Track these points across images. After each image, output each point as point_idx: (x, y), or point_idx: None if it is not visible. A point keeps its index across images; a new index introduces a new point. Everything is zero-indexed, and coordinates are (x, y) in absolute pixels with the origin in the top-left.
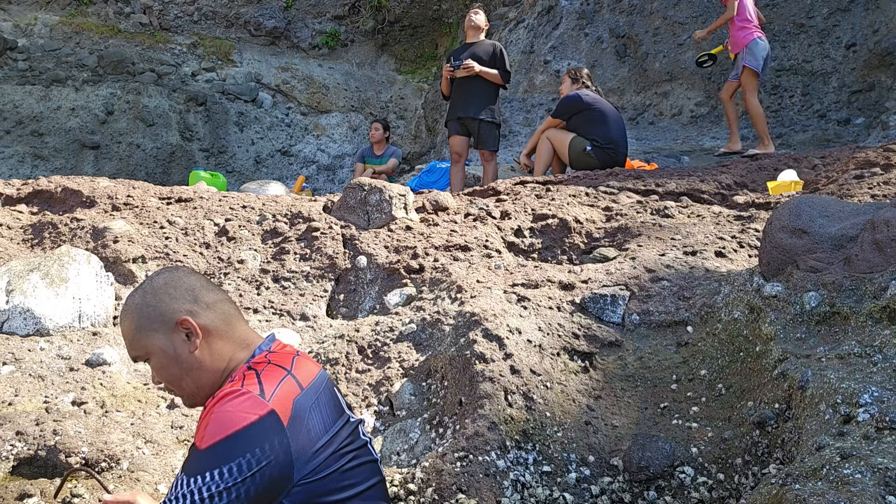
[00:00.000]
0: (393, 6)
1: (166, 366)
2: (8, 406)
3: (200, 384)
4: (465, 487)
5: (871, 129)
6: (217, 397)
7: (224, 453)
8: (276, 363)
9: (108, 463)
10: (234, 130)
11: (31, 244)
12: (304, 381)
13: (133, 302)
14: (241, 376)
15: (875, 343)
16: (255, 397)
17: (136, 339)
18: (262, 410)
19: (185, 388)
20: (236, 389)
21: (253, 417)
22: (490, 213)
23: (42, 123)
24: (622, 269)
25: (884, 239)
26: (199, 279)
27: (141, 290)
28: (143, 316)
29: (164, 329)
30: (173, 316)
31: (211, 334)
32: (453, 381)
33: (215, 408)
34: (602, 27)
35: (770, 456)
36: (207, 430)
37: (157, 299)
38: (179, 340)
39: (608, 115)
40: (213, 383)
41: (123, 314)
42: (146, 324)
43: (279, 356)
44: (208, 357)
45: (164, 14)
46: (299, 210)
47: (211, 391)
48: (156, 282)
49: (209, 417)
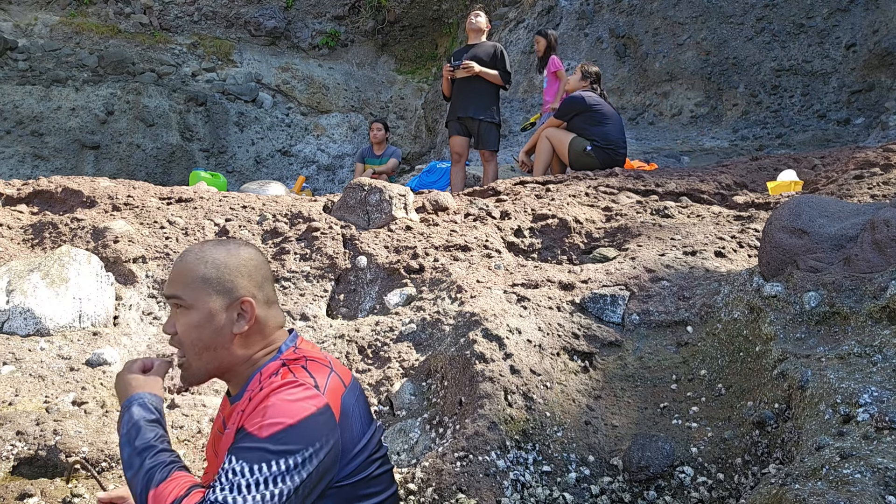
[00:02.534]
0: (393, 6)
1: (202, 328)
2: (8, 406)
3: (215, 363)
4: (465, 487)
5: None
6: (272, 387)
7: (286, 442)
8: (314, 360)
9: (108, 463)
10: (234, 130)
11: (32, 244)
12: (345, 379)
13: (213, 255)
14: (284, 369)
15: (875, 343)
16: (312, 388)
17: (193, 287)
18: (320, 403)
19: (201, 359)
20: (292, 380)
21: (312, 409)
22: (490, 213)
23: (42, 123)
24: (622, 269)
25: (883, 239)
26: (270, 272)
27: (225, 248)
28: (217, 273)
29: (226, 297)
30: (242, 292)
31: (257, 326)
32: (453, 381)
33: (272, 396)
34: (602, 27)
35: (770, 456)
36: (267, 417)
37: (238, 269)
38: (231, 316)
39: (608, 116)
40: (230, 368)
41: (196, 258)
42: (215, 282)
43: (312, 353)
44: (240, 343)
45: (165, 14)
46: (299, 210)
47: (216, 373)
48: (243, 252)
49: (266, 406)
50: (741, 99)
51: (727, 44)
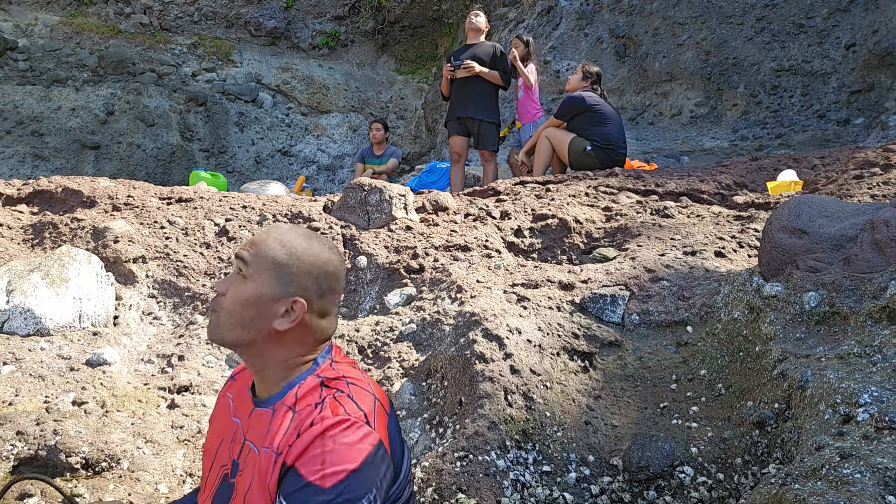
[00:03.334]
0: (393, 6)
1: (247, 304)
2: (8, 406)
3: (243, 342)
4: (465, 487)
5: (871, 129)
6: (324, 426)
7: (352, 492)
8: (356, 383)
9: (108, 463)
10: (234, 130)
11: (32, 244)
12: (386, 405)
13: (295, 244)
14: (330, 399)
15: (875, 343)
16: (365, 426)
17: (261, 262)
18: (375, 440)
19: (229, 326)
20: (345, 419)
21: (368, 448)
22: (490, 213)
23: (42, 123)
24: (622, 269)
25: (883, 239)
26: (341, 287)
27: (309, 244)
28: (289, 262)
29: (283, 287)
30: (300, 291)
31: (300, 332)
32: (453, 381)
33: (327, 438)
34: (602, 27)
35: (770, 456)
36: (327, 465)
37: (311, 266)
38: (277, 309)
39: (608, 116)
40: (250, 352)
41: (281, 238)
42: (282, 268)
43: (351, 373)
44: (276, 340)
45: (165, 14)
46: (299, 210)
47: (239, 350)
48: (324, 254)
49: (324, 450)
50: (741, 99)
51: (727, 44)
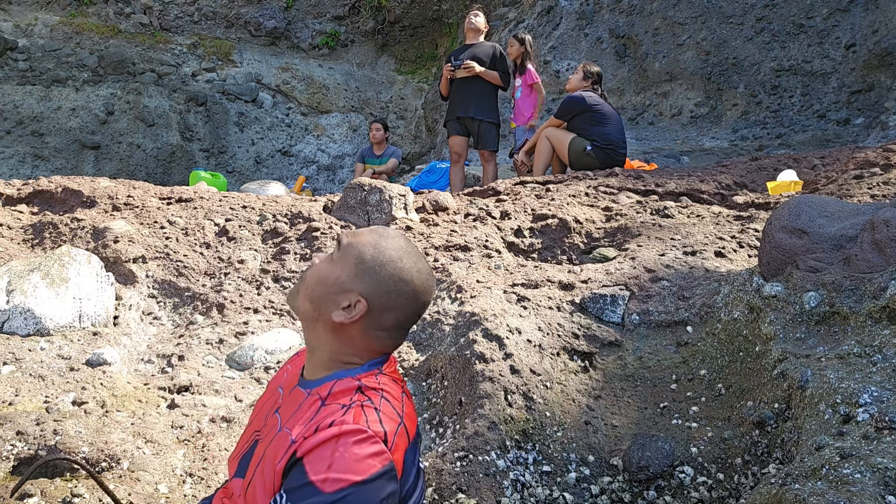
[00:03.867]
0: (393, 6)
1: (320, 281)
2: (8, 406)
3: (307, 315)
4: (465, 487)
5: (871, 129)
6: (341, 430)
7: (350, 501)
8: (389, 399)
9: (108, 463)
10: (234, 130)
11: (32, 244)
12: (412, 431)
13: (389, 251)
14: (357, 406)
15: (875, 343)
16: (380, 444)
17: (350, 253)
18: (386, 461)
19: (304, 301)
20: (363, 430)
21: (378, 466)
22: (490, 213)
23: (42, 123)
24: (622, 269)
25: (883, 239)
26: (419, 314)
27: (402, 257)
28: (372, 263)
29: (355, 284)
30: (366, 292)
31: (353, 330)
32: (453, 381)
33: (341, 444)
34: (602, 27)
35: (770, 456)
36: (332, 470)
37: (388, 277)
38: (341, 300)
39: (608, 116)
40: (309, 327)
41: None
42: (364, 265)
43: (390, 388)
44: (330, 328)
45: (165, 14)
46: (299, 210)
47: (303, 320)
48: (407, 276)
49: (333, 454)
50: (741, 99)
51: (727, 44)
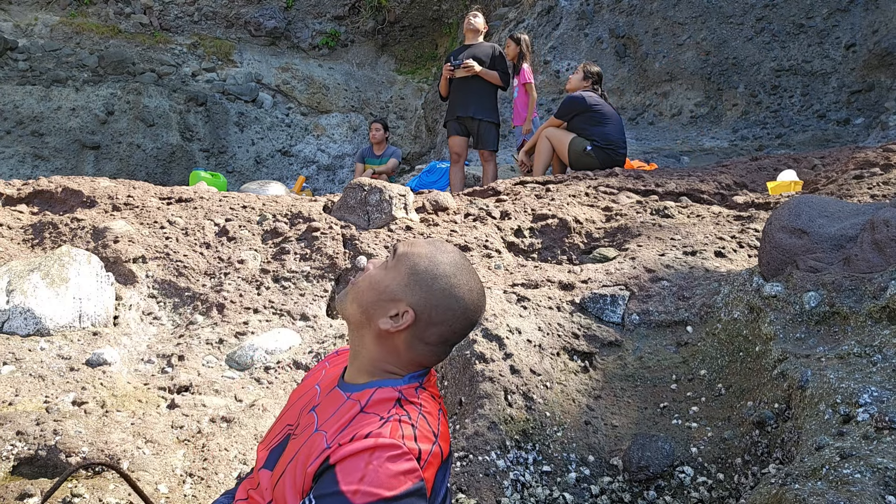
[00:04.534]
0: (393, 6)
1: (372, 287)
2: (8, 406)
3: (354, 320)
4: (465, 487)
5: (871, 129)
6: (377, 442)
7: None
8: (426, 417)
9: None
10: (234, 130)
11: (32, 244)
12: (445, 450)
13: (443, 266)
14: (395, 420)
15: (875, 343)
16: (414, 462)
17: (406, 261)
18: (418, 478)
19: (352, 305)
20: (399, 446)
21: (409, 484)
22: (490, 213)
23: (42, 123)
24: (622, 269)
25: (883, 239)
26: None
27: (456, 273)
28: (426, 276)
29: (405, 292)
30: (416, 304)
31: (399, 340)
32: (453, 381)
33: (376, 457)
34: (602, 27)
35: (770, 456)
36: (364, 482)
37: (440, 291)
38: (390, 308)
39: (608, 116)
40: (355, 332)
41: (433, 254)
42: (417, 276)
43: (428, 406)
44: (376, 337)
45: (165, 14)
46: (299, 210)
47: (350, 324)
48: (459, 293)
49: (367, 466)
50: (741, 99)
51: (727, 44)
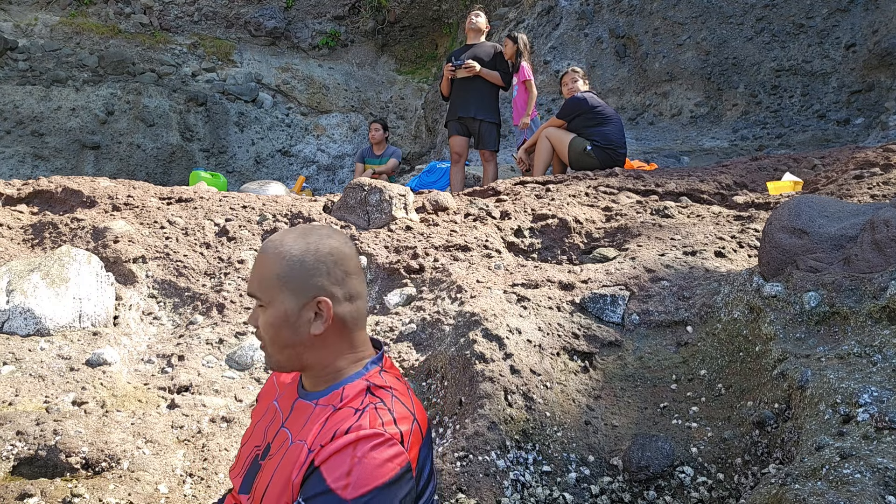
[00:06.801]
0: (393, 6)
1: (279, 327)
2: (8, 406)
3: (299, 360)
4: (465, 487)
5: (871, 129)
6: (358, 435)
7: None
8: (399, 398)
9: (108, 463)
10: (234, 130)
11: (32, 244)
12: (423, 428)
13: (290, 250)
14: (371, 409)
15: (875, 343)
16: (398, 445)
17: (269, 285)
18: (404, 461)
19: (282, 355)
20: (380, 434)
21: (396, 469)
22: (490, 213)
23: (42, 123)
24: (622, 269)
25: (883, 239)
26: (356, 264)
27: (304, 242)
28: (291, 271)
29: (300, 296)
30: (317, 291)
31: (337, 326)
32: (453, 381)
33: (359, 450)
34: (602, 27)
35: (770, 456)
36: (352, 476)
37: (315, 266)
38: (307, 316)
39: (609, 117)
40: (311, 367)
41: (274, 252)
42: (289, 280)
43: (398, 386)
44: (322, 345)
45: (165, 14)
46: (299, 210)
47: (304, 370)
48: (322, 246)
49: (352, 460)
50: (741, 99)
51: (727, 44)
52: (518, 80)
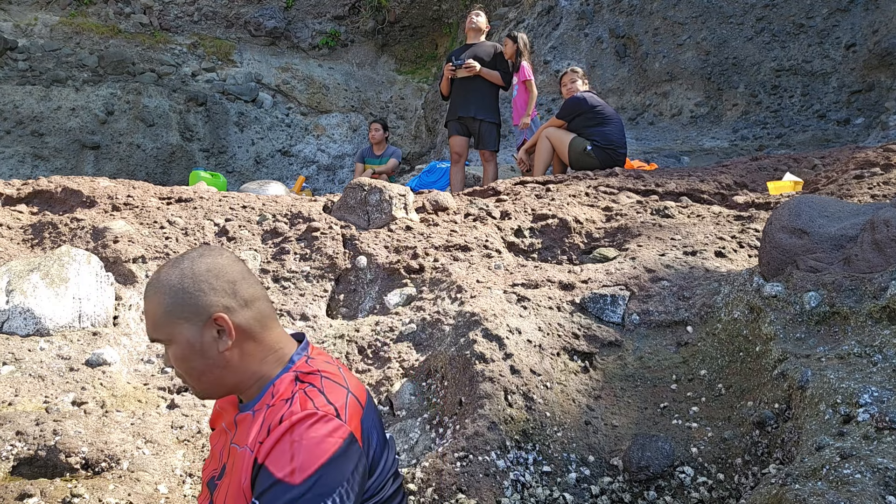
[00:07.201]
0: (393, 6)
1: (188, 358)
2: (8, 406)
3: (222, 382)
4: (465, 487)
5: (871, 129)
6: (291, 420)
7: (323, 486)
8: (330, 377)
9: (108, 463)
10: (234, 130)
11: (32, 244)
12: (362, 399)
13: (168, 281)
14: (300, 394)
15: (875, 343)
16: (335, 419)
17: (163, 323)
18: (345, 433)
19: (203, 383)
20: (313, 413)
21: (338, 442)
22: (490, 213)
23: (42, 123)
24: (622, 269)
25: (883, 239)
26: (241, 269)
27: (179, 269)
28: (176, 301)
29: (195, 321)
30: (209, 310)
31: (244, 335)
32: (453, 381)
33: (295, 434)
34: (602, 27)
35: (770, 456)
36: (296, 461)
37: (196, 286)
38: (210, 337)
39: (609, 117)
40: (238, 383)
41: (154, 290)
42: (177, 310)
43: (326, 368)
44: (237, 358)
45: (165, 14)
46: (299, 210)
47: (232, 390)
48: (198, 265)
49: (292, 446)
50: (741, 99)
51: (727, 44)
52: (518, 79)
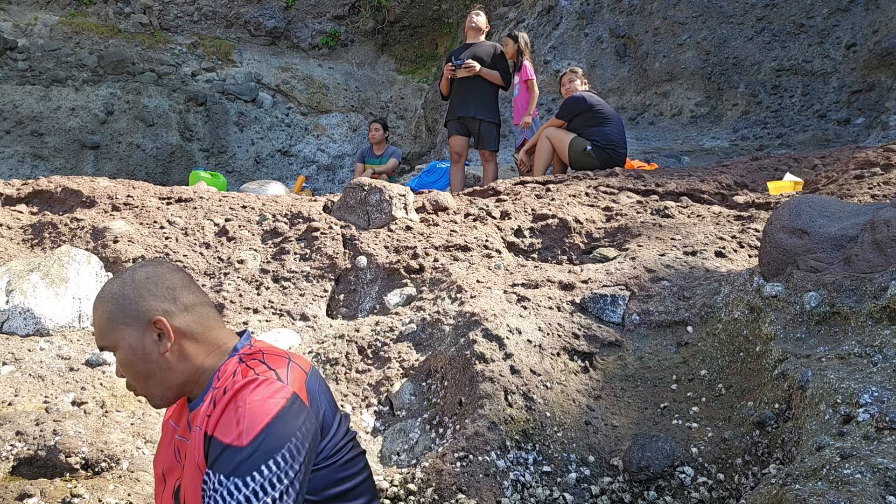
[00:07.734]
0: (393, 6)
1: (132, 363)
2: (8, 406)
3: (168, 385)
4: (465, 487)
5: (871, 129)
6: (234, 389)
7: (270, 444)
8: (271, 353)
9: (108, 463)
10: (234, 130)
11: (31, 244)
12: (305, 367)
13: (110, 291)
14: (242, 366)
15: (875, 343)
16: (275, 381)
17: (107, 330)
18: (288, 393)
19: (149, 388)
20: (254, 378)
21: (281, 402)
22: (490, 213)
23: (42, 123)
24: (622, 269)
25: (884, 239)
26: (181, 277)
27: (120, 279)
28: (117, 308)
29: (136, 325)
30: (148, 314)
31: (185, 337)
32: (453, 381)
33: (239, 399)
34: (602, 27)
35: (770, 456)
36: (242, 424)
37: (136, 293)
38: (150, 340)
39: (608, 116)
40: (185, 382)
41: (98, 301)
42: (119, 316)
43: (270, 349)
44: (177, 360)
45: (164, 14)
46: (299, 210)
47: (181, 391)
48: (137, 274)
49: (237, 411)
50: (741, 99)
51: (727, 44)
52: (520, 79)
